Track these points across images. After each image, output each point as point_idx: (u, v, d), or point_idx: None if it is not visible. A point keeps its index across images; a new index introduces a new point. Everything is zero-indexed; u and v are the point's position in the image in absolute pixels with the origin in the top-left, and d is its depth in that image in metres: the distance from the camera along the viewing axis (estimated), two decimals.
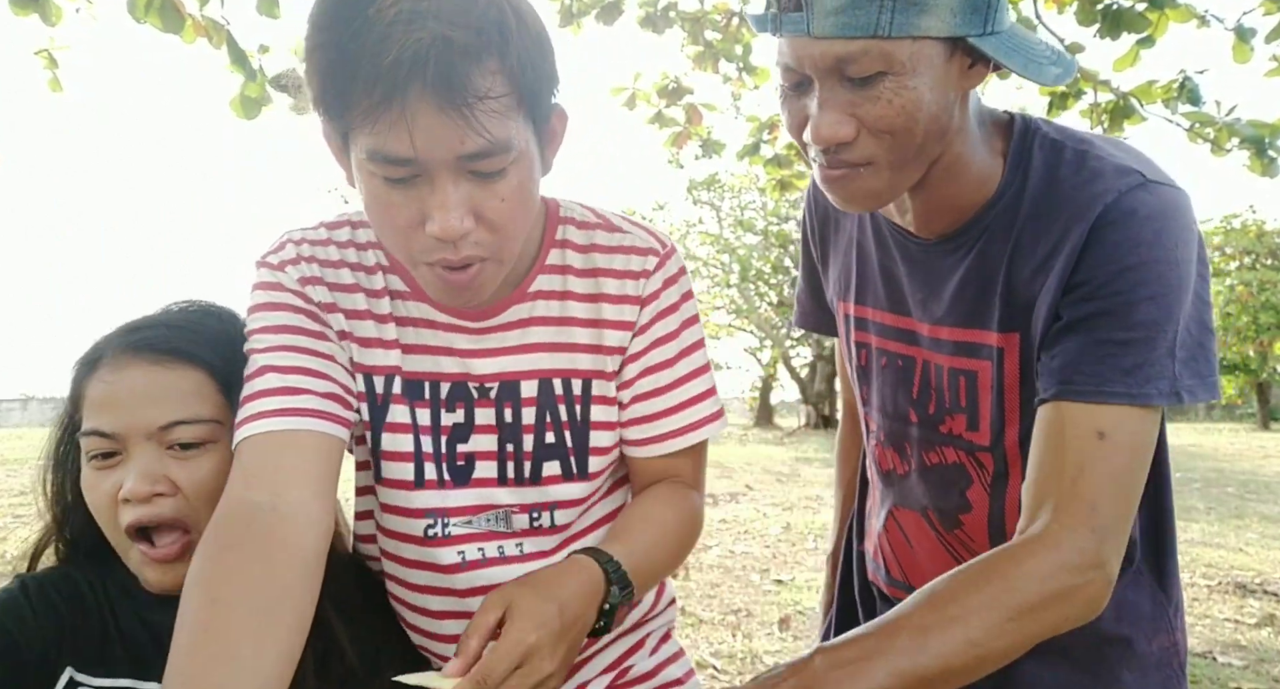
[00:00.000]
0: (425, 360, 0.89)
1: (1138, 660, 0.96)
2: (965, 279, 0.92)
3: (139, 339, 0.86)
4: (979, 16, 0.78)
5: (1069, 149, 0.88)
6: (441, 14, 0.66)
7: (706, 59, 3.52)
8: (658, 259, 0.92)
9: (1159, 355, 0.80)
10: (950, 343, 0.96)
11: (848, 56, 0.76)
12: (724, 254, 19.91)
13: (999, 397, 0.93)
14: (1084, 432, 0.79)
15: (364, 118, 0.69)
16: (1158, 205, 0.81)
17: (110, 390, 0.84)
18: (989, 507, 0.98)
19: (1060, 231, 0.84)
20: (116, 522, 0.82)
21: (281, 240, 0.90)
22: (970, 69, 0.82)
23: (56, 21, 2.69)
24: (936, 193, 0.90)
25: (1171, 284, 0.80)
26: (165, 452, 0.83)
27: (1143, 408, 0.79)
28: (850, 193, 0.85)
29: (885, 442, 1.08)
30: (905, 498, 1.07)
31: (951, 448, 1.00)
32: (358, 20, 0.66)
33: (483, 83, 0.68)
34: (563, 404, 0.91)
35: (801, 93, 0.83)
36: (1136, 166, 0.84)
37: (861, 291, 1.07)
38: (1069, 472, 0.78)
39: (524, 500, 0.91)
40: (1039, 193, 0.87)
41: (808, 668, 0.71)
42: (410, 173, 0.71)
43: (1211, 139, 2.69)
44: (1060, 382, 0.82)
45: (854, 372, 1.13)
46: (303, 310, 0.86)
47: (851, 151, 0.82)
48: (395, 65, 0.65)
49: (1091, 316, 0.81)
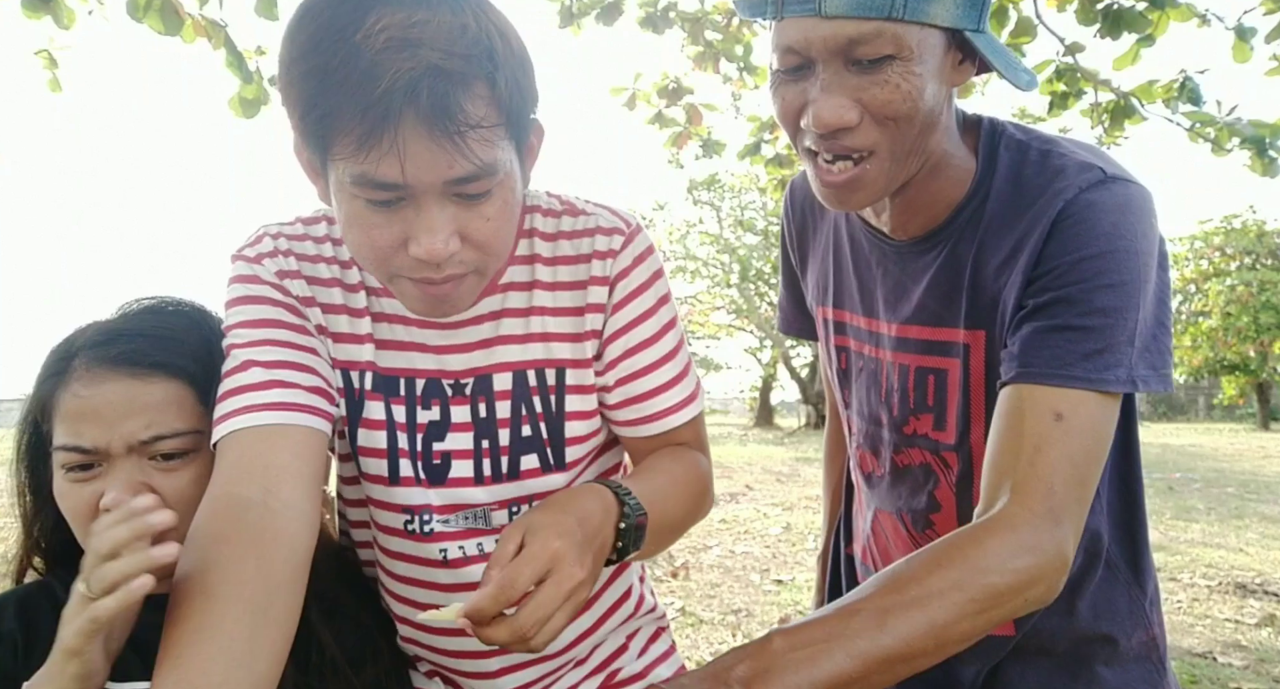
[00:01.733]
0: (399, 356, 0.89)
1: (1118, 657, 0.97)
2: (935, 279, 0.93)
3: (117, 353, 0.84)
4: (975, 12, 0.79)
5: (1033, 149, 0.89)
6: (432, 41, 0.65)
7: (707, 59, 3.52)
8: (623, 237, 0.90)
9: (1119, 342, 0.80)
10: (918, 342, 0.96)
11: (860, 37, 0.76)
12: (724, 254, 19.92)
13: (965, 395, 0.93)
14: (1042, 412, 0.79)
15: (352, 145, 0.68)
16: (1117, 199, 0.82)
17: (87, 404, 0.82)
18: (957, 506, 0.98)
19: (1024, 228, 0.85)
20: (91, 531, 0.79)
21: (258, 234, 0.89)
22: (960, 65, 0.83)
23: (70, 24, 2.68)
24: (919, 191, 0.91)
25: (1131, 273, 0.80)
26: (147, 462, 0.82)
27: (1101, 393, 0.79)
28: (847, 185, 0.84)
29: (864, 444, 1.09)
30: (883, 501, 1.07)
31: (918, 449, 1.00)
32: (344, 47, 0.65)
33: (474, 110, 0.68)
34: (537, 396, 0.91)
35: (800, 77, 0.82)
36: (1098, 163, 0.85)
37: (839, 295, 1.07)
38: (1026, 452, 0.78)
39: (501, 497, 0.91)
40: (1005, 192, 0.88)
41: (765, 650, 0.68)
42: (396, 196, 0.71)
43: (1212, 139, 2.69)
44: (1020, 365, 0.82)
45: (835, 375, 1.13)
46: (282, 304, 0.86)
47: (853, 138, 0.81)
48: (388, 94, 0.64)
49: (1052, 303, 0.82)
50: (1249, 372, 19.22)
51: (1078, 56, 2.96)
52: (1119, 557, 0.98)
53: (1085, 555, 0.98)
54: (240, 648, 0.67)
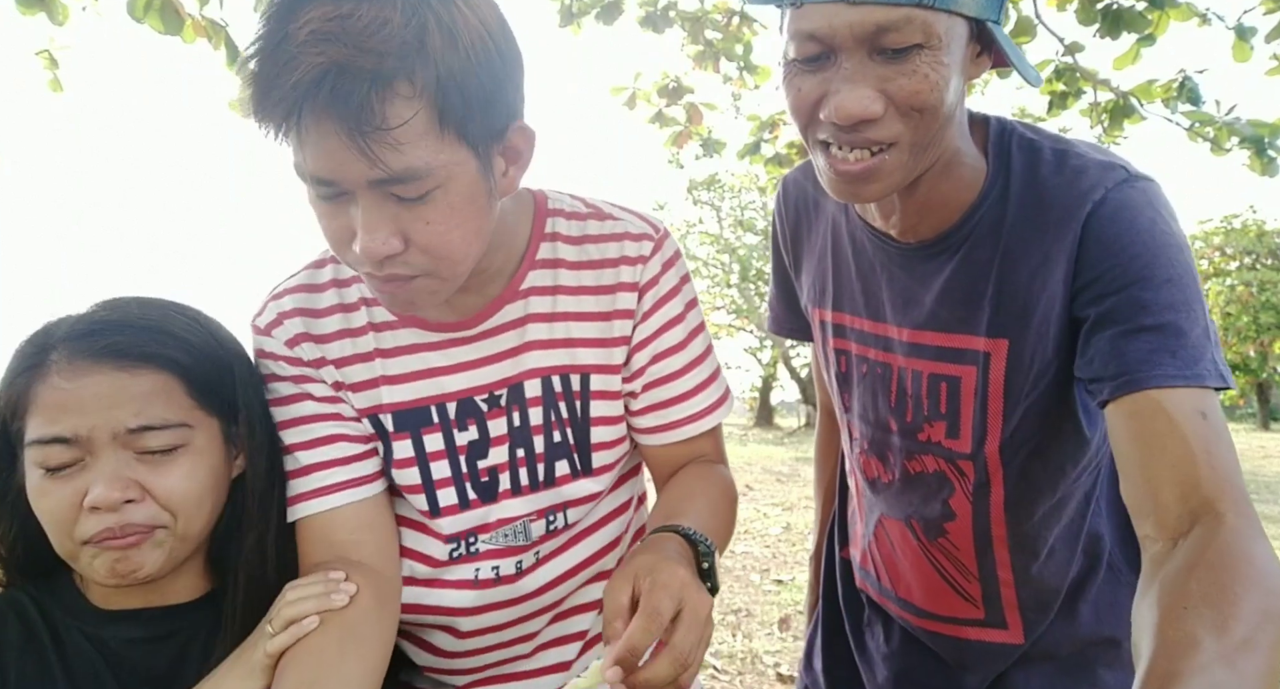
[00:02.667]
0: (420, 386, 0.88)
1: (1120, 659, 0.97)
2: (950, 283, 0.90)
3: (102, 345, 0.78)
4: (997, 2, 0.76)
5: (1047, 149, 0.87)
6: (348, 37, 0.63)
7: (707, 58, 3.51)
8: (653, 243, 0.90)
9: (1198, 336, 0.76)
10: (932, 348, 0.94)
11: (889, 24, 0.72)
12: (724, 254, 19.90)
13: (982, 403, 0.91)
14: (1188, 414, 0.72)
15: (278, 132, 0.68)
16: (1146, 196, 0.81)
17: (69, 396, 0.76)
18: (973, 515, 0.97)
19: (1054, 233, 0.83)
20: (71, 532, 0.76)
21: (265, 302, 0.89)
22: (978, 57, 0.81)
23: (64, 21, 2.67)
24: (929, 191, 0.88)
25: (1184, 267, 0.78)
26: (134, 456, 0.78)
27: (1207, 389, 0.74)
28: (862, 175, 0.80)
29: (869, 450, 1.07)
30: (890, 507, 1.06)
31: (931, 456, 0.98)
32: (279, 34, 0.65)
33: (386, 110, 0.64)
34: (563, 401, 0.90)
35: (819, 67, 0.78)
36: (1119, 162, 0.84)
37: (838, 297, 1.05)
38: (1199, 456, 0.70)
39: (539, 506, 0.91)
40: (1023, 194, 0.86)
41: None
42: (334, 191, 0.69)
43: (1211, 138, 2.69)
44: (1127, 373, 0.75)
45: (834, 378, 1.10)
46: (299, 377, 0.87)
47: (875, 130, 0.77)
48: (295, 87, 0.64)
49: (1117, 308, 0.78)
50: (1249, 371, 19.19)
51: (1077, 56, 2.96)
52: (1120, 558, 0.98)
53: (1086, 558, 0.98)
54: (331, 658, 0.76)
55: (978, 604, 1.01)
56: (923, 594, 1.05)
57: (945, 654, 1.06)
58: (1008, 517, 0.96)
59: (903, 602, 1.08)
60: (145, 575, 0.78)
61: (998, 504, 0.95)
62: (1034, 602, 0.99)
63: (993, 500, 0.95)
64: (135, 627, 0.83)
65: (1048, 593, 0.99)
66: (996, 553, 0.98)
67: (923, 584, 1.04)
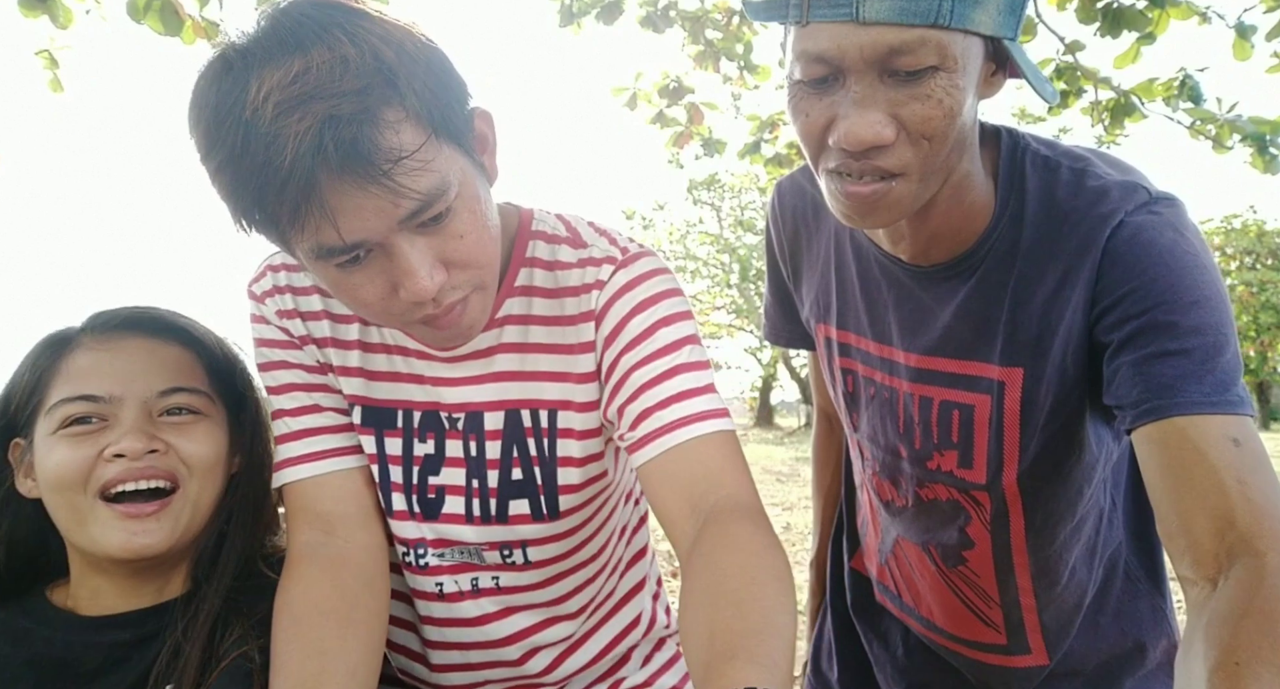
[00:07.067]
0: (396, 388, 0.87)
1: (1144, 667, 0.96)
2: (963, 309, 0.87)
3: (129, 316, 0.85)
4: (1014, 19, 0.72)
5: (1064, 168, 0.82)
6: (320, 90, 0.60)
7: (707, 58, 3.51)
8: (614, 266, 0.83)
9: (1228, 358, 0.73)
10: (944, 374, 0.90)
11: (902, 46, 0.68)
12: (724, 254, 19.92)
13: (997, 434, 0.88)
14: (1218, 440, 0.68)
15: (288, 226, 0.64)
16: (1168, 218, 0.77)
17: (101, 359, 0.82)
18: (992, 544, 0.95)
19: (1071, 257, 0.79)
20: (85, 484, 0.77)
21: (262, 268, 0.89)
22: (992, 76, 0.77)
23: (66, 24, 2.67)
24: (940, 216, 0.84)
25: (1210, 288, 0.74)
26: (158, 419, 0.82)
27: (1241, 416, 0.71)
28: (871, 199, 0.76)
29: (881, 473, 1.04)
30: (907, 530, 1.04)
31: (943, 484, 0.95)
32: (239, 129, 0.61)
33: (393, 140, 0.63)
34: (531, 437, 0.85)
35: (826, 90, 0.73)
36: (1141, 182, 0.80)
37: (843, 316, 1.01)
38: (1232, 486, 0.66)
39: (491, 539, 0.89)
40: (1038, 217, 0.82)
41: None
42: (358, 253, 0.67)
43: (1212, 136, 2.69)
44: (1155, 400, 0.72)
45: (840, 397, 1.07)
46: (291, 344, 0.88)
47: (887, 157, 0.73)
48: (295, 162, 0.60)
49: (1140, 332, 0.74)
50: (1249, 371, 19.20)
51: (1078, 55, 2.96)
52: (1137, 567, 0.98)
53: (1104, 570, 0.97)
54: (332, 645, 0.76)
55: (1000, 630, 0.99)
56: (944, 617, 1.03)
57: (968, 673, 1.05)
58: (1029, 545, 0.93)
59: (926, 621, 1.07)
60: (153, 552, 0.79)
61: (1018, 533, 0.93)
62: (1056, 623, 0.97)
63: (1013, 530, 0.93)
64: (124, 630, 0.83)
65: (1069, 612, 0.97)
66: (1019, 580, 0.96)
67: (944, 608, 1.03)
